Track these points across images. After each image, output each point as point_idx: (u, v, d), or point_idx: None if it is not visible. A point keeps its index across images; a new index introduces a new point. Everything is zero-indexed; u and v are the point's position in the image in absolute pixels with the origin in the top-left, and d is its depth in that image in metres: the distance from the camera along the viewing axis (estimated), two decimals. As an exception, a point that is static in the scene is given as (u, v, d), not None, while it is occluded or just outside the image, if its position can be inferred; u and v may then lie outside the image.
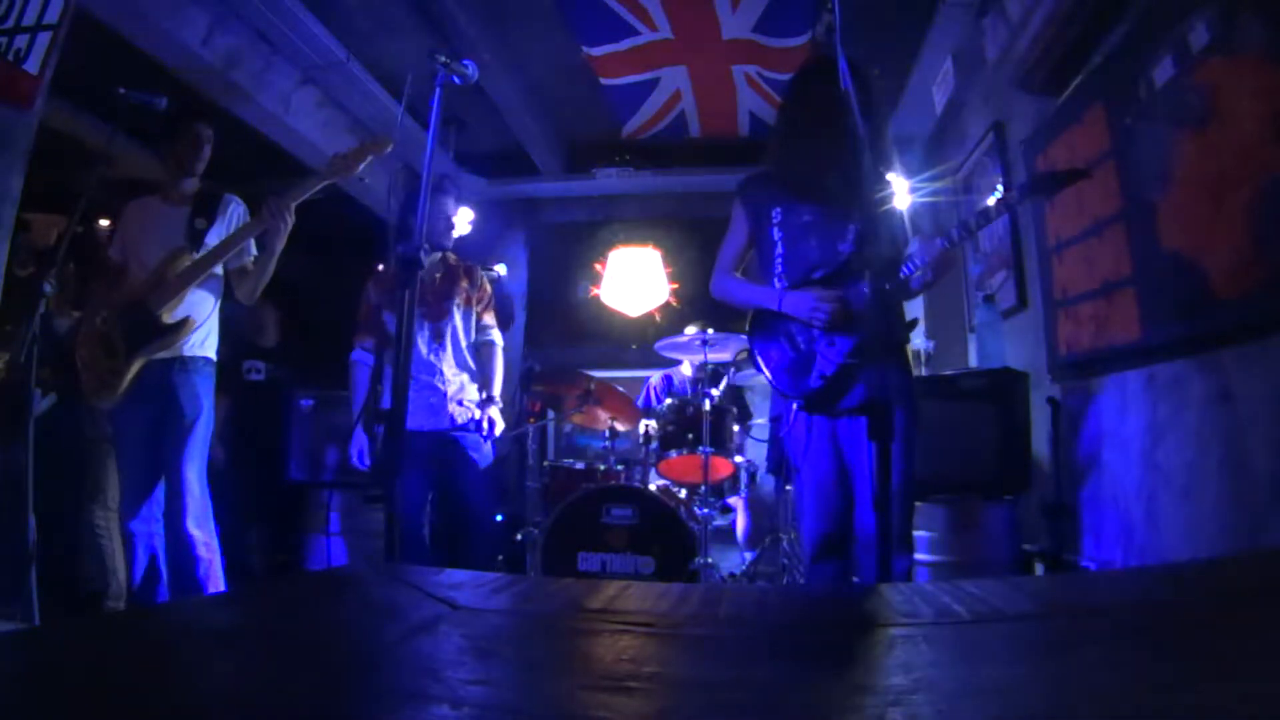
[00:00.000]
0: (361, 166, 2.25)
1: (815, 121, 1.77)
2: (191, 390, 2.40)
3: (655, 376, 4.19)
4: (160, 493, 2.39)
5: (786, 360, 1.90)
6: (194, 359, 2.42)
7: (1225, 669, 0.61)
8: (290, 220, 2.38)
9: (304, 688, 0.61)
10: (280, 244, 2.42)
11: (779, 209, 1.90)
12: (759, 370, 1.97)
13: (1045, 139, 2.93)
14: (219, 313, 2.52)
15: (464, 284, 2.76)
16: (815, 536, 1.83)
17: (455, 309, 2.72)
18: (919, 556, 2.49)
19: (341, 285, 3.46)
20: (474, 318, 2.79)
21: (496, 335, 2.82)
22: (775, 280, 1.89)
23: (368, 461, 2.51)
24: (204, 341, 2.46)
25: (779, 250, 1.88)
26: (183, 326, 2.36)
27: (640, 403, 3.99)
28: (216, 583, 2.40)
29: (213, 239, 2.45)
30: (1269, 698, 0.53)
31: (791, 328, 1.88)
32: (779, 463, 2.89)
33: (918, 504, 2.47)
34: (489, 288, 2.85)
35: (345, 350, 2.75)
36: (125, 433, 2.41)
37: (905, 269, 1.77)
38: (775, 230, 1.90)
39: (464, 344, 2.74)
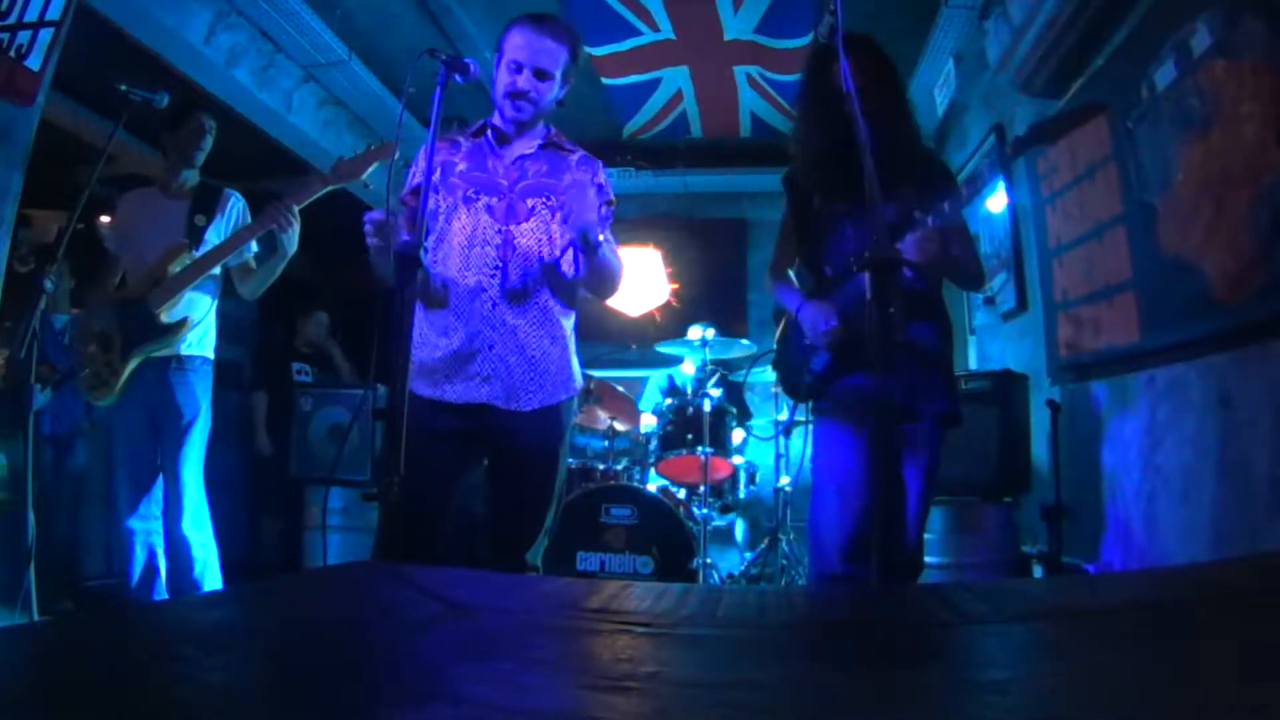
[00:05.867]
0: (367, 173, 2.22)
1: (829, 113, 1.75)
2: (189, 390, 2.40)
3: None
4: (157, 490, 2.40)
5: (794, 361, 1.90)
6: (191, 358, 2.42)
7: (1225, 671, 0.61)
8: (295, 222, 2.37)
9: (303, 687, 0.61)
10: (293, 245, 2.42)
11: (815, 199, 1.89)
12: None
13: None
14: (216, 311, 2.52)
15: (568, 178, 1.75)
16: (839, 539, 1.70)
17: (542, 211, 1.72)
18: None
19: (342, 285, 3.47)
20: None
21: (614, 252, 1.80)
22: (822, 269, 1.88)
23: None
24: (201, 340, 2.46)
25: (821, 241, 1.88)
26: (180, 327, 2.37)
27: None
28: (213, 582, 2.40)
29: (212, 235, 2.46)
30: (1269, 699, 0.53)
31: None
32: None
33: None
34: (612, 201, 1.83)
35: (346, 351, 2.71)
36: (122, 430, 2.41)
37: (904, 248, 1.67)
38: (816, 221, 1.89)
39: (549, 282, 1.72)
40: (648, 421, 3.67)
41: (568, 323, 1.78)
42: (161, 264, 2.37)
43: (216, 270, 2.45)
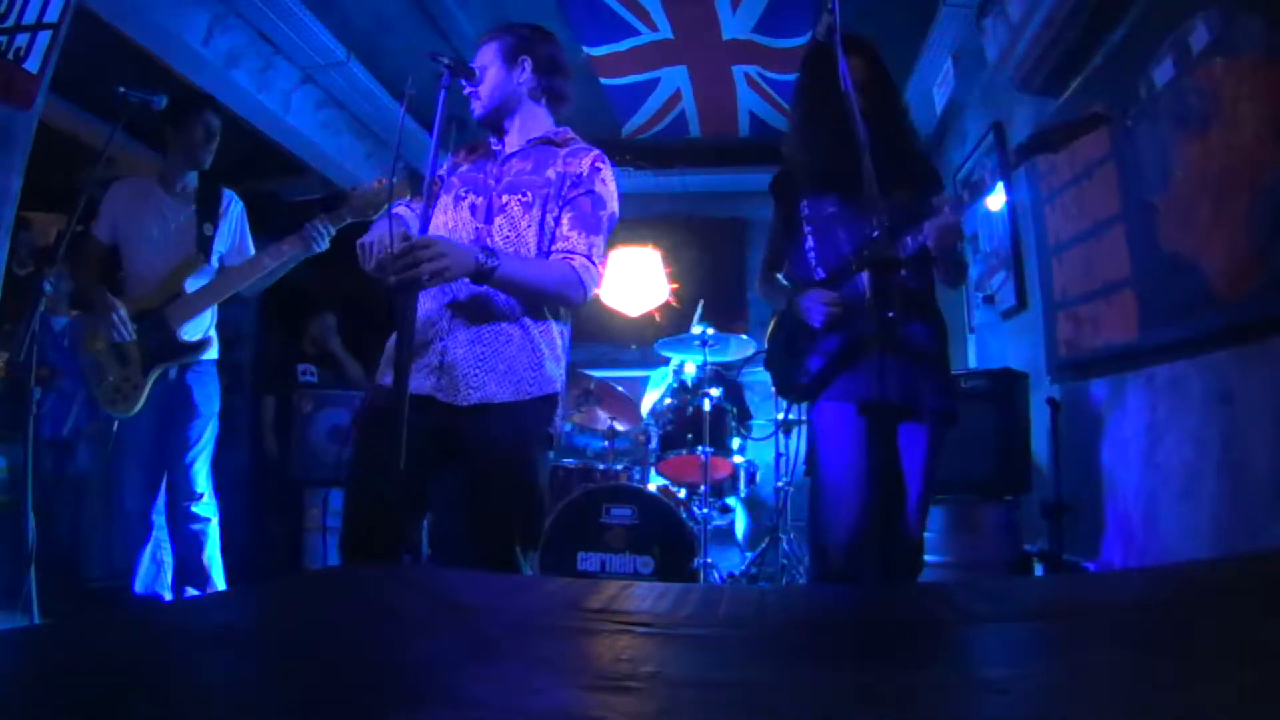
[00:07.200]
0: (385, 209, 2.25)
1: (824, 113, 1.75)
2: (205, 391, 2.46)
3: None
4: (164, 488, 2.43)
5: (787, 360, 1.91)
6: (205, 361, 2.48)
7: (1225, 669, 0.61)
8: (325, 245, 2.39)
9: (303, 688, 0.61)
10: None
11: (805, 202, 1.89)
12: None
13: (1045, 140, 2.93)
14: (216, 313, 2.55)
15: (551, 173, 1.69)
16: (839, 539, 1.69)
17: (514, 208, 1.66)
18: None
19: (339, 287, 3.47)
20: (555, 231, 1.67)
21: (581, 261, 1.64)
22: (813, 274, 1.88)
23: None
24: (212, 345, 2.51)
25: (810, 243, 1.88)
26: (203, 346, 2.43)
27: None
28: (218, 570, 2.45)
29: (219, 243, 2.50)
30: (1268, 698, 0.53)
31: (797, 327, 1.88)
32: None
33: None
34: (609, 191, 1.72)
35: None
36: (136, 433, 2.43)
37: (908, 242, 1.71)
38: (804, 225, 1.90)
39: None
40: (650, 401, 3.68)
41: (536, 323, 1.67)
42: (176, 276, 2.39)
43: (215, 266, 2.50)
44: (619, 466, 3.47)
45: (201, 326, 2.44)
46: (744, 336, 3.61)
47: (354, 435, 1.50)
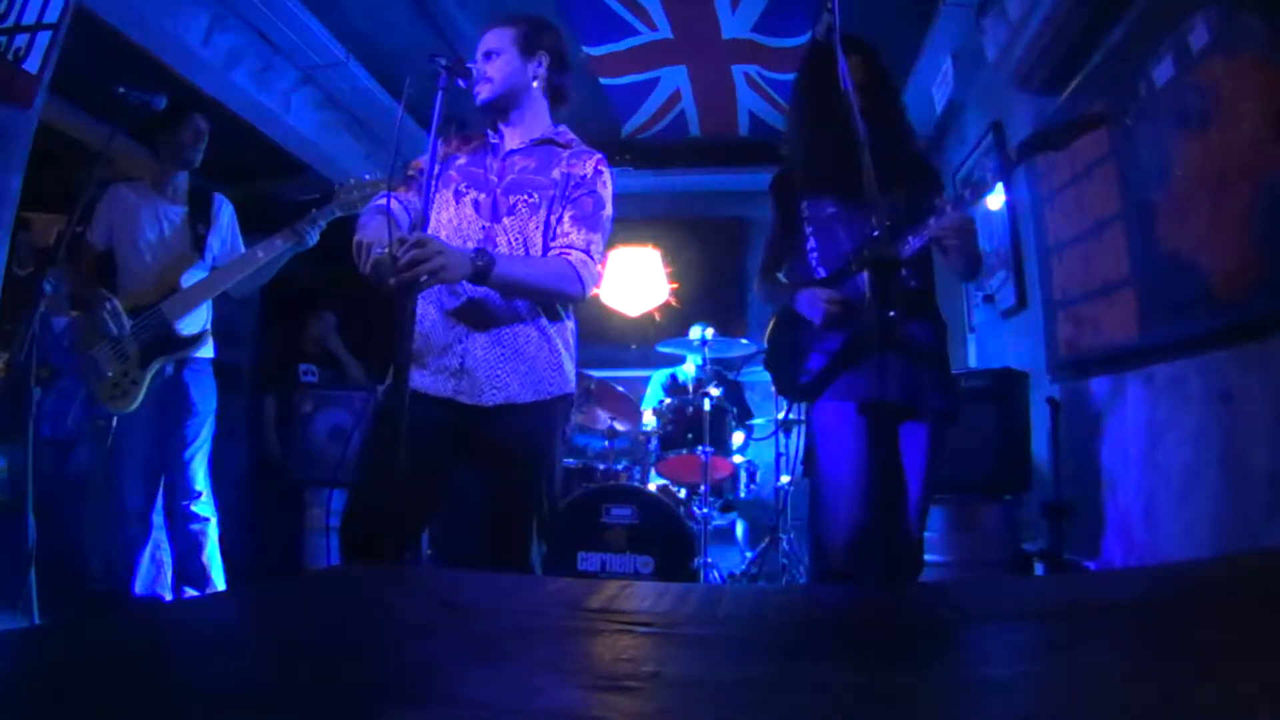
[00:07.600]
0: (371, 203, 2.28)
1: (824, 113, 1.75)
2: (203, 389, 2.48)
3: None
4: (163, 488, 2.44)
5: (787, 359, 1.91)
6: (202, 360, 2.50)
7: (1225, 669, 0.61)
8: (315, 240, 2.42)
9: (304, 689, 0.61)
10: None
11: (805, 203, 1.89)
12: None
13: (1045, 139, 2.93)
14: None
15: (556, 174, 1.69)
16: (839, 538, 1.69)
17: (522, 209, 1.66)
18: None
19: (339, 286, 3.47)
20: (557, 228, 1.68)
21: (579, 257, 1.64)
22: (814, 273, 1.88)
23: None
24: (208, 343, 2.52)
25: (811, 244, 1.89)
26: (200, 339, 2.46)
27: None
28: (218, 569, 2.45)
29: (213, 242, 2.53)
30: (1269, 697, 0.53)
31: (799, 325, 1.88)
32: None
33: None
34: (609, 195, 1.74)
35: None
36: (135, 431, 2.43)
37: (911, 241, 1.70)
38: (805, 225, 1.90)
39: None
40: (649, 419, 3.68)
41: (552, 323, 1.70)
42: (171, 273, 2.40)
43: (210, 265, 2.52)
44: (619, 466, 3.47)
45: (199, 320, 2.46)
46: (744, 340, 3.62)
47: (362, 435, 1.52)
